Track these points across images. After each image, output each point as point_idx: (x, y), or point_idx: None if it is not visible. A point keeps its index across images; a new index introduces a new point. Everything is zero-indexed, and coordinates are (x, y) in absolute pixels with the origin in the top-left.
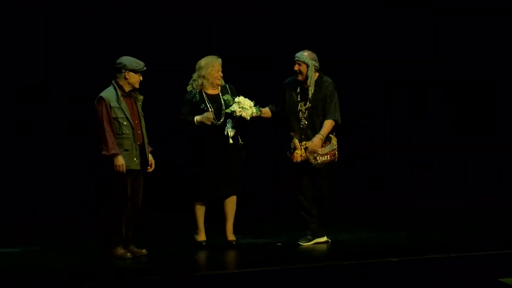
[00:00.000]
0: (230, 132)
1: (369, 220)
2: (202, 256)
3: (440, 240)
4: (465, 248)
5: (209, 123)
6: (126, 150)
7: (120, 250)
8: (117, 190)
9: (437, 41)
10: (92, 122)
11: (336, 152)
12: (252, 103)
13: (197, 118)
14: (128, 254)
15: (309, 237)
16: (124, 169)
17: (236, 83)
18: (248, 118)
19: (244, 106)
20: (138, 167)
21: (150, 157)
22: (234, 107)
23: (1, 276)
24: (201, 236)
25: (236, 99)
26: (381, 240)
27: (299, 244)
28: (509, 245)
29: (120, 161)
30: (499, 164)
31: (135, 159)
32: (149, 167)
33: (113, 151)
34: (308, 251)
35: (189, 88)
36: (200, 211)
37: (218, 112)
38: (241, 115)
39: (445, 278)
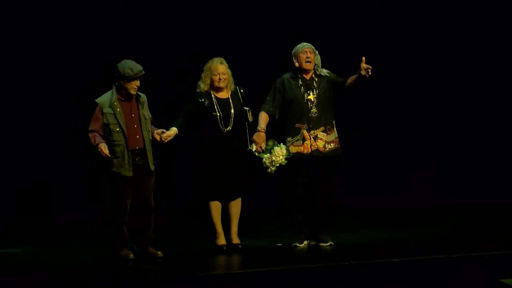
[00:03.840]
0: (252, 147)
1: (369, 220)
2: (203, 256)
3: (441, 241)
4: (466, 248)
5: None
6: (117, 157)
7: (123, 252)
8: (110, 196)
9: None
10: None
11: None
12: (286, 153)
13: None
14: (131, 255)
15: (302, 236)
16: (107, 153)
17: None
18: (271, 168)
19: (276, 159)
20: (130, 174)
21: (158, 131)
22: (265, 159)
23: (1, 275)
24: (221, 240)
25: (274, 150)
26: (382, 240)
27: (296, 246)
28: (510, 246)
29: (102, 146)
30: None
31: (127, 165)
32: (158, 135)
33: (95, 143)
34: (309, 251)
35: (198, 89)
36: (216, 213)
37: (226, 118)
38: (265, 165)
39: (446, 279)
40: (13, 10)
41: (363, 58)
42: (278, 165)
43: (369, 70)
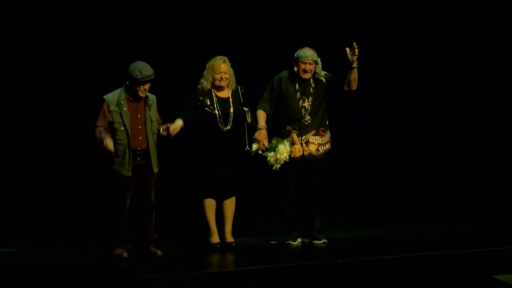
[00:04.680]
0: (253, 147)
1: (369, 220)
2: (197, 255)
3: (434, 238)
4: (460, 245)
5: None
6: (118, 156)
7: (117, 251)
8: (110, 194)
9: None
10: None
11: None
12: (289, 150)
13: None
14: (125, 254)
15: (296, 233)
16: (112, 149)
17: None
18: (276, 166)
19: (280, 157)
20: (129, 174)
21: (164, 127)
22: (269, 158)
23: (1, 275)
24: (215, 238)
25: (278, 148)
26: (377, 239)
27: (289, 243)
28: (504, 242)
29: (108, 141)
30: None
31: (127, 166)
32: (164, 131)
33: (101, 139)
34: (303, 249)
35: (199, 85)
36: (210, 211)
37: (225, 117)
38: (269, 163)
39: (440, 276)
40: (15, 10)
41: (347, 49)
42: (282, 162)
43: (355, 50)
